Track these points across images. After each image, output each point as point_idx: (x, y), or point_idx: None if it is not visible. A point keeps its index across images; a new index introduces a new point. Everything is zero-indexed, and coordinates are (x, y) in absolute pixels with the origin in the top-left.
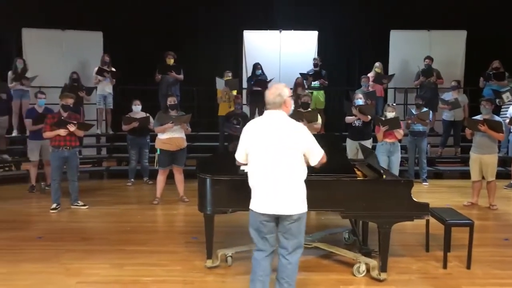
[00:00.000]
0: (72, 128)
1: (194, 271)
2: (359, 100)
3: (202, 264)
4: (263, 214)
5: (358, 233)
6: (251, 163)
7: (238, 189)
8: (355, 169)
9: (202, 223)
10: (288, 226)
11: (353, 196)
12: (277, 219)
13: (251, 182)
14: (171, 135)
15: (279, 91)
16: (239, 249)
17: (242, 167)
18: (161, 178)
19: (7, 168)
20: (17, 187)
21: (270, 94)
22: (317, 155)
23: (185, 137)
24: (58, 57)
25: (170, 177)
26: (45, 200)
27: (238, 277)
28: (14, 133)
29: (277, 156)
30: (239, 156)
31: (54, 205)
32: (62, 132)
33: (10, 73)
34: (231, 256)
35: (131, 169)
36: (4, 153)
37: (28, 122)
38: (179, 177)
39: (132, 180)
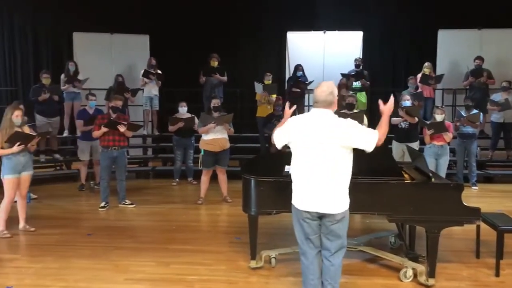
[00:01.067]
0: (122, 128)
1: (238, 271)
2: (407, 101)
3: (246, 264)
4: (305, 212)
5: (404, 237)
6: (296, 158)
7: (283, 190)
8: (402, 171)
9: (245, 223)
10: (331, 227)
11: (400, 199)
12: (320, 219)
13: (295, 178)
14: (215, 136)
15: (331, 89)
16: (283, 251)
17: (286, 168)
18: (205, 179)
19: (58, 167)
20: (67, 185)
21: (321, 92)
22: (372, 139)
23: (228, 138)
24: (107, 60)
25: (214, 177)
26: (94, 199)
27: (282, 278)
28: (65, 134)
29: (325, 154)
30: (279, 141)
31: (102, 204)
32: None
33: (62, 75)
34: (275, 258)
35: (176, 169)
36: (55, 152)
37: (79, 123)
38: (222, 178)
39: (177, 180)
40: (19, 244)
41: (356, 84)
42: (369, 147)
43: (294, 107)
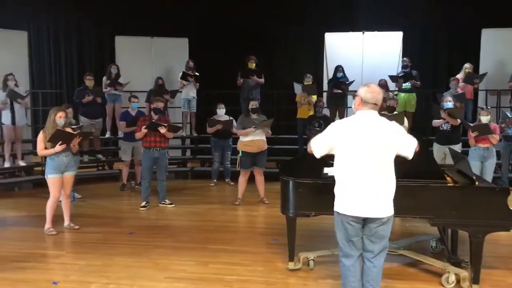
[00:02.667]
0: (162, 130)
1: (276, 273)
2: (449, 103)
3: (284, 266)
4: (351, 216)
5: (446, 242)
6: (343, 162)
7: (322, 192)
8: (444, 174)
9: (283, 225)
10: (375, 229)
11: (443, 203)
12: (364, 221)
13: (341, 182)
14: (253, 138)
15: (380, 91)
16: (321, 253)
17: (325, 170)
18: (242, 180)
19: (101, 168)
20: (109, 185)
21: (374, 94)
22: (413, 146)
23: (266, 140)
24: (147, 63)
25: (251, 179)
26: (135, 198)
27: (320, 281)
28: (107, 135)
29: (376, 158)
30: (319, 150)
31: (143, 203)
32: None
33: (104, 78)
34: (313, 260)
35: (214, 170)
36: (98, 153)
37: (121, 124)
38: (260, 179)
39: (215, 181)
40: (64, 241)
41: (406, 85)
42: (411, 155)
43: None
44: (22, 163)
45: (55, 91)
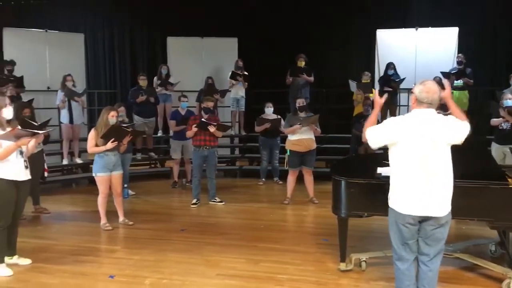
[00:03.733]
0: (212, 129)
1: (327, 273)
2: (509, 100)
3: (335, 266)
4: (409, 216)
5: (508, 246)
6: (400, 160)
7: (376, 193)
8: (505, 175)
9: (332, 225)
10: (432, 232)
11: (504, 205)
12: (420, 222)
13: (398, 180)
14: (301, 137)
15: (436, 90)
16: (374, 255)
17: (379, 170)
18: (291, 179)
19: (153, 165)
20: (161, 182)
21: (429, 94)
22: (465, 133)
23: (314, 139)
24: (197, 63)
25: (300, 178)
26: (186, 195)
27: (372, 282)
28: (159, 134)
29: (436, 155)
30: (376, 141)
31: (194, 200)
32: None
33: (155, 78)
34: (365, 261)
35: (262, 169)
36: (151, 151)
37: (172, 123)
38: (308, 179)
39: (263, 179)
40: (119, 236)
41: (458, 82)
42: (463, 140)
43: (385, 95)
44: (79, 161)
45: (109, 91)
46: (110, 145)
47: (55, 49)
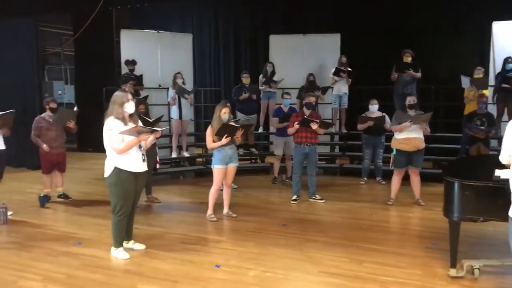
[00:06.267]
0: (314, 126)
1: (435, 278)
2: None
3: (444, 272)
4: None
5: None
6: None
7: (493, 196)
8: None
9: (440, 228)
10: None
11: None
12: None
13: None
14: (409, 135)
15: None
16: (489, 262)
17: (497, 172)
18: (396, 179)
19: (253, 161)
20: (261, 177)
21: None
22: None
23: (423, 138)
24: (299, 60)
25: (405, 178)
26: (286, 191)
27: None
28: (260, 130)
29: None
30: (503, 155)
31: (294, 197)
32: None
33: (260, 76)
34: (478, 269)
35: (364, 168)
36: (252, 147)
37: (274, 120)
38: (415, 179)
39: (365, 179)
40: (223, 228)
41: None
42: None
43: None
44: (186, 154)
45: (214, 88)
46: (224, 140)
47: (166, 49)
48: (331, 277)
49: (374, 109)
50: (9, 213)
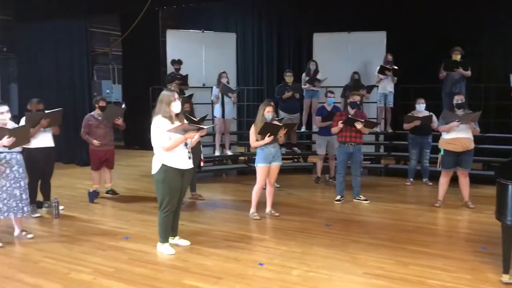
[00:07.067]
0: (359, 125)
1: (486, 283)
2: None
3: (496, 277)
4: None
5: None
6: None
7: None
8: None
9: (491, 232)
10: None
11: None
12: None
13: None
14: (457, 135)
15: None
16: None
17: None
18: (444, 180)
19: (296, 160)
20: (303, 177)
21: None
22: None
23: (472, 138)
24: (343, 58)
25: (453, 180)
26: (329, 191)
27: None
28: (303, 129)
29: None
30: None
31: (338, 197)
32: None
33: (303, 75)
34: None
35: (410, 168)
36: (294, 146)
37: (317, 119)
38: (464, 181)
39: (411, 180)
40: (266, 226)
41: None
42: None
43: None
44: (229, 153)
45: (257, 87)
46: (267, 139)
47: (210, 48)
48: (376, 278)
49: (421, 108)
50: (61, 207)
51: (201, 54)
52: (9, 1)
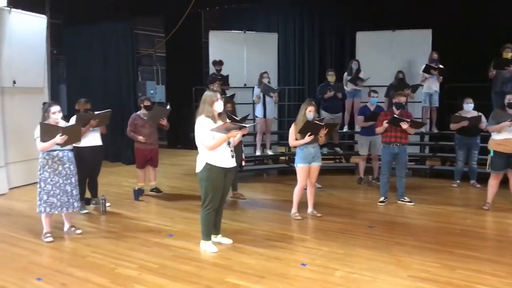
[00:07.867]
0: (404, 125)
1: None
2: None
3: None
4: None
5: None
6: None
7: None
8: None
9: None
10: None
11: None
12: None
13: None
14: (508, 136)
15: None
16: None
17: None
18: (493, 183)
19: (337, 160)
20: (345, 177)
21: None
22: None
23: None
24: (387, 57)
25: (503, 182)
26: (371, 193)
27: None
28: (345, 129)
29: None
30: None
31: (382, 198)
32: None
33: (345, 74)
34: None
35: (457, 170)
36: (337, 146)
37: (360, 118)
38: None
39: (458, 181)
40: (308, 227)
41: None
42: None
43: None
44: (270, 152)
45: (298, 87)
46: (307, 138)
47: (251, 48)
48: (422, 282)
49: (469, 108)
50: (107, 204)
51: (243, 55)
52: (59, 6)
